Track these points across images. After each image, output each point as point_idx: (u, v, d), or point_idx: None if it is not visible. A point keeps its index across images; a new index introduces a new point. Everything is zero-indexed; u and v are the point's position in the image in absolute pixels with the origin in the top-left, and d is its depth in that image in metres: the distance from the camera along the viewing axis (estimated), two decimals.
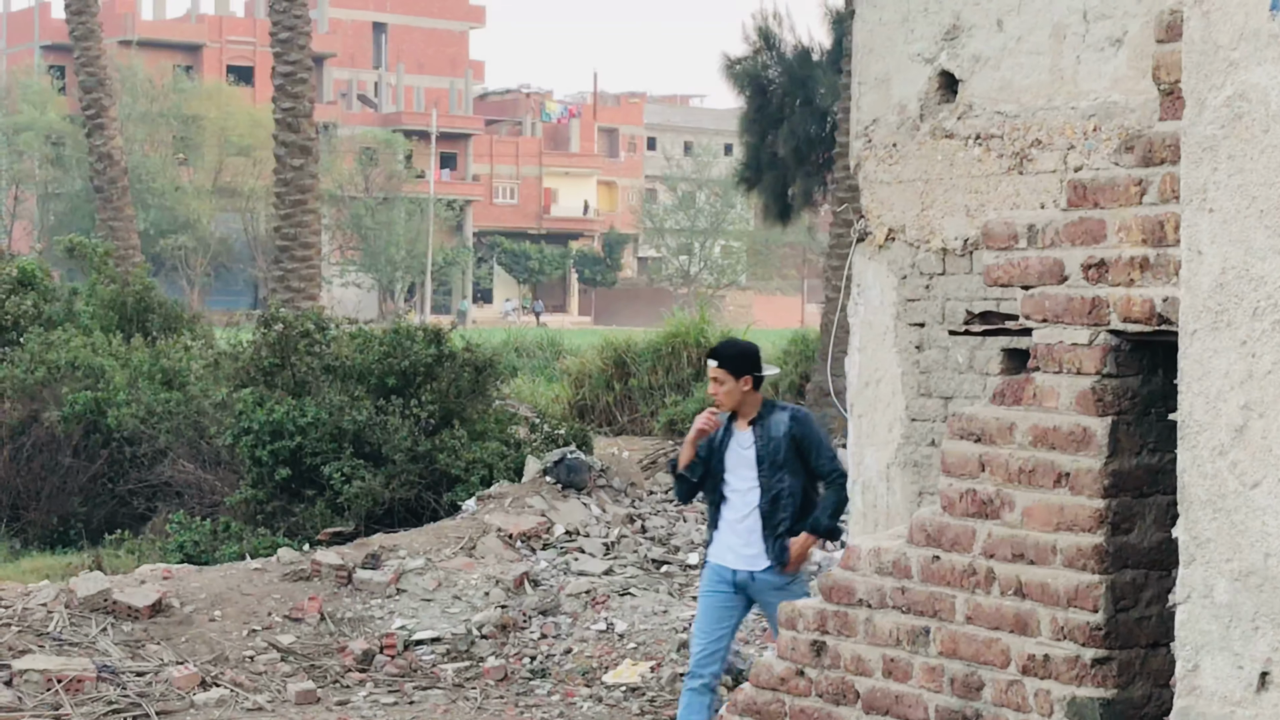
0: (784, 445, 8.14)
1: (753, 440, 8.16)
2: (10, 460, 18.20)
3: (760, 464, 8.13)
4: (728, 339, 8.76)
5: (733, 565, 8.16)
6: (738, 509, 8.16)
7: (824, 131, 26.52)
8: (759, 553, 8.11)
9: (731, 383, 8.10)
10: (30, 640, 10.56)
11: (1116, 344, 4.76)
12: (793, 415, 8.24)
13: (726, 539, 8.20)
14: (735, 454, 8.19)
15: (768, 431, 8.16)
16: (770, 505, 8.10)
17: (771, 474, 8.11)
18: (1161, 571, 4.81)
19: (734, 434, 8.23)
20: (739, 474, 8.17)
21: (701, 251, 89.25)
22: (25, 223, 73.64)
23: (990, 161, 7.49)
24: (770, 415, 8.22)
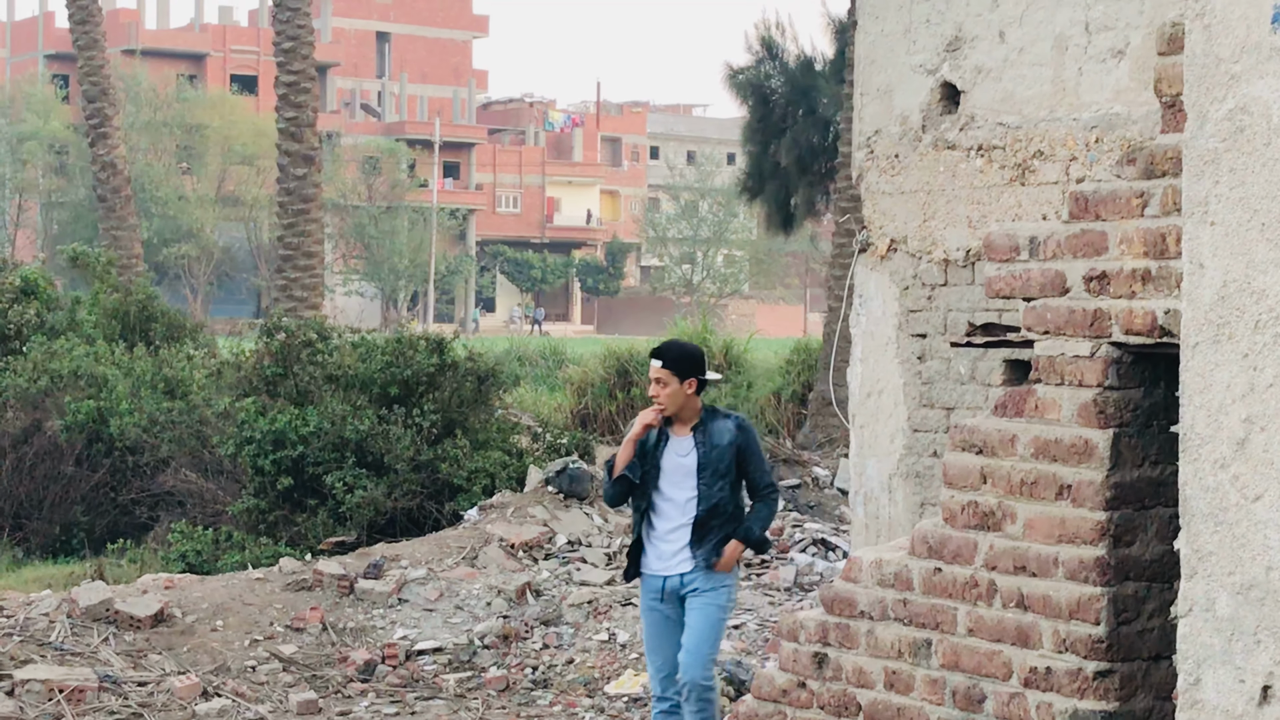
0: (728, 454, 7.83)
1: (693, 447, 7.84)
2: (13, 469, 18.20)
3: (702, 472, 7.81)
4: (673, 339, 8.36)
5: (662, 572, 7.89)
6: (671, 518, 7.87)
7: (826, 141, 26.53)
8: (686, 557, 7.83)
9: (675, 385, 7.78)
10: (32, 650, 10.55)
11: (1118, 356, 4.76)
12: (739, 424, 7.93)
13: (656, 547, 7.90)
14: (672, 461, 7.87)
15: (711, 439, 7.84)
16: (707, 514, 7.81)
17: (713, 483, 7.81)
18: (1163, 584, 4.81)
19: (670, 440, 7.89)
20: (676, 482, 7.85)
21: (704, 260, 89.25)
22: (28, 231, 73.68)
23: (992, 173, 7.49)
24: (713, 422, 7.91)
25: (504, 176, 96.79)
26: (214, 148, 74.32)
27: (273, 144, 28.10)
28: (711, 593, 7.82)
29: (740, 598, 12.60)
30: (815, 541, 14.14)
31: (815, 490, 16.49)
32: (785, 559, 13.74)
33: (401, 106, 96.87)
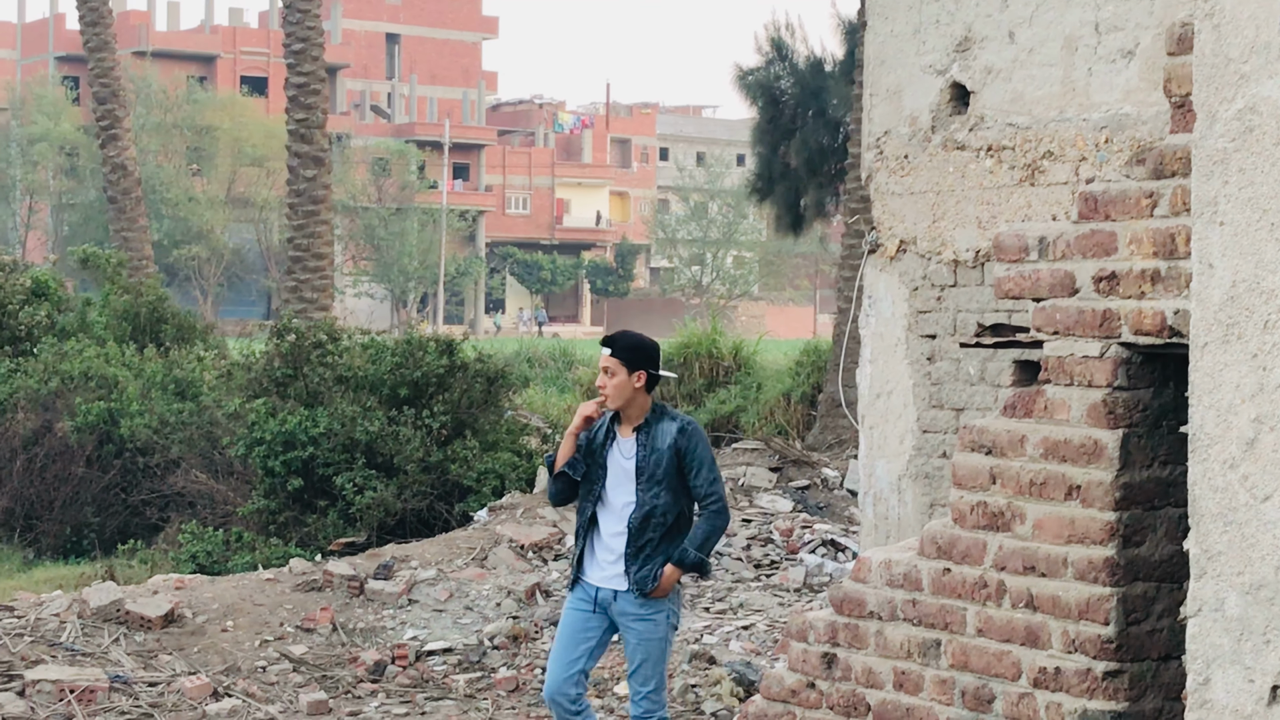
0: (666, 458, 7.28)
1: (635, 449, 7.34)
2: (23, 470, 18.24)
3: (639, 476, 7.29)
4: (626, 330, 7.77)
5: (596, 582, 7.37)
6: (611, 524, 7.36)
7: (836, 142, 26.52)
8: (619, 573, 7.33)
9: (623, 375, 7.25)
10: (43, 650, 10.57)
11: (1127, 356, 4.76)
12: (681, 426, 7.33)
13: (596, 556, 7.40)
14: (616, 462, 7.37)
15: (652, 441, 7.32)
16: (640, 523, 7.27)
17: (649, 488, 7.27)
18: (1173, 584, 4.81)
19: (617, 439, 7.40)
20: (617, 485, 7.36)
21: (714, 262, 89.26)
22: (39, 233, 73.83)
23: (1002, 173, 7.50)
24: (658, 423, 7.35)
25: (513, 178, 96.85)
26: (224, 149, 74.43)
27: (283, 145, 28.15)
28: (649, 623, 7.33)
29: (749, 598, 12.61)
30: (825, 542, 14.14)
31: (824, 491, 16.49)
32: (795, 560, 13.74)
33: (411, 108, 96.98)
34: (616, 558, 7.31)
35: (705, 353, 25.61)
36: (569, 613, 7.49)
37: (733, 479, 16.38)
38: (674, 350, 25.96)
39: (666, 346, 26.89)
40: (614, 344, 7.39)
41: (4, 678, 10.01)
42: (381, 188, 79.77)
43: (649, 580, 7.27)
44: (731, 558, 13.73)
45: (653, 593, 7.28)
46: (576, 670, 7.41)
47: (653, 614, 7.30)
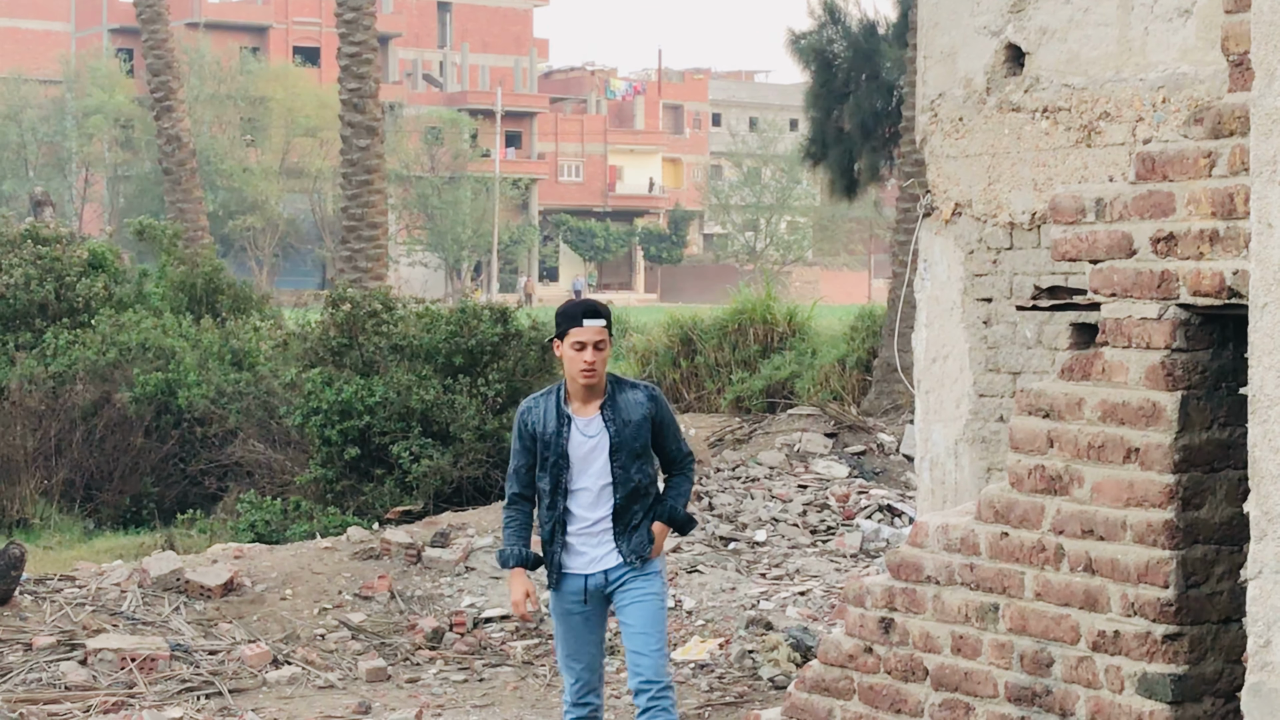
0: (643, 430, 6.87)
1: (602, 426, 6.83)
2: (83, 441, 18.39)
3: (616, 454, 6.82)
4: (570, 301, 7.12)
5: (582, 571, 6.94)
6: (587, 510, 6.89)
7: (890, 106, 26.37)
8: (610, 551, 6.91)
9: (608, 349, 6.81)
10: (104, 619, 10.67)
11: (1186, 318, 4.72)
12: (650, 394, 6.94)
13: (572, 548, 6.94)
14: (580, 445, 6.84)
15: (621, 414, 6.85)
16: (627, 500, 6.86)
17: (629, 465, 6.83)
18: (1233, 547, 4.78)
19: (574, 422, 6.86)
20: (587, 469, 6.85)
21: (767, 228, 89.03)
22: (95, 205, 74.32)
23: (1057, 135, 7.44)
24: (621, 394, 6.90)
25: (566, 145, 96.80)
26: (277, 120, 74.68)
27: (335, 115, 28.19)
28: (645, 583, 6.93)
29: (805, 564, 12.60)
30: (881, 508, 14.12)
31: (880, 456, 16.45)
32: (851, 525, 13.72)
33: (463, 76, 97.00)
34: (599, 540, 6.89)
35: (759, 319, 25.54)
36: (566, 618, 7.03)
37: (788, 445, 16.36)
38: (728, 316, 25.91)
39: (721, 313, 26.81)
40: (603, 313, 6.88)
41: (66, 647, 10.12)
42: (434, 157, 79.89)
43: (647, 545, 6.93)
44: (788, 524, 13.73)
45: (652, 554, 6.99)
46: (597, 674, 7.07)
47: (649, 575, 6.95)
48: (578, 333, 6.77)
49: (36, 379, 18.72)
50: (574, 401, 6.90)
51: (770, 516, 13.77)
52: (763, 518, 13.69)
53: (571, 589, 6.98)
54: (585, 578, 6.95)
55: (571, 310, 6.89)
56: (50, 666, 9.80)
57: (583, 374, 6.78)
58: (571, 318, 6.81)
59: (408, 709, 9.22)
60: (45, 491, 18.03)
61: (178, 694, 9.59)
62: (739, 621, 10.77)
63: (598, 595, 6.97)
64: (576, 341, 6.78)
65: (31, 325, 20.20)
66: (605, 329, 6.79)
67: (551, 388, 6.98)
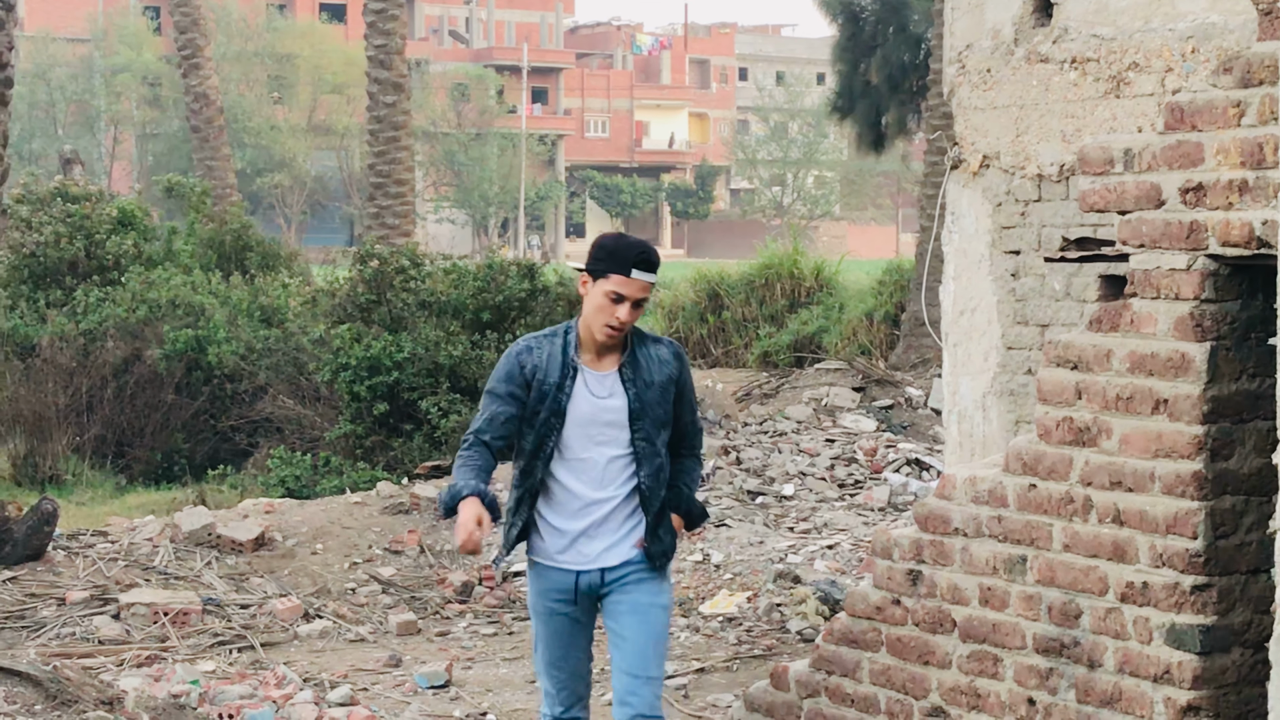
0: (669, 394, 5.69)
1: (619, 387, 5.64)
2: (114, 398, 18.49)
3: (638, 422, 5.61)
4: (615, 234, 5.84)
5: (573, 565, 5.68)
6: (590, 488, 5.64)
7: (918, 58, 26.26)
8: (615, 543, 5.65)
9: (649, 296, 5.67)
10: (137, 574, 10.75)
11: (1215, 268, 4.71)
12: (676, 352, 5.78)
13: (561, 532, 5.68)
14: (587, 407, 5.63)
15: (642, 374, 5.67)
16: (652, 482, 5.64)
17: (654, 436, 5.64)
18: (1261, 498, 4.77)
19: (584, 375, 5.65)
20: (593, 436, 5.63)
21: (794, 182, 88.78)
22: (124, 163, 74.42)
23: (1086, 85, 7.40)
24: (643, 350, 5.72)
25: (592, 101, 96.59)
26: (304, 77, 74.65)
27: (362, 73, 28.19)
28: (654, 590, 5.68)
29: (833, 518, 12.63)
30: (909, 461, 14.13)
31: (909, 410, 16.45)
32: (879, 479, 13.73)
33: (489, 32, 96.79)
34: (600, 528, 5.64)
35: (787, 274, 25.53)
36: (549, 619, 5.76)
37: (816, 399, 16.37)
38: (755, 271, 25.89)
39: (748, 268, 26.80)
40: (656, 266, 5.63)
41: (100, 601, 10.20)
42: (461, 113, 79.80)
43: (673, 544, 5.75)
44: (815, 478, 13.75)
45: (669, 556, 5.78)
46: (584, 685, 5.86)
47: (663, 578, 5.74)
48: (621, 283, 5.53)
49: (67, 336, 18.81)
50: (585, 352, 5.67)
51: (798, 471, 13.79)
52: (790, 472, 13.71)
53: (557, 586, 5.71)
54: (576, 574, 5.68)
55: (622, 251, 5.58)
56: (84, 621, 9.89)
57: (607, 331, 5.58)
58: (620, 261, 5.54)
59: (438, 662, 9.27)
60: (77, 448, 18.14)
61: (210, 647, 9.66)
62: (767, 575, 10.80)
63: (590, 595, 5.71)
64: (615, 292, 5.53)
65: (62, 283, 20.29)
66: (653, 284, 5.61)
67: (556, 328, 5.76)
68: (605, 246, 5.62)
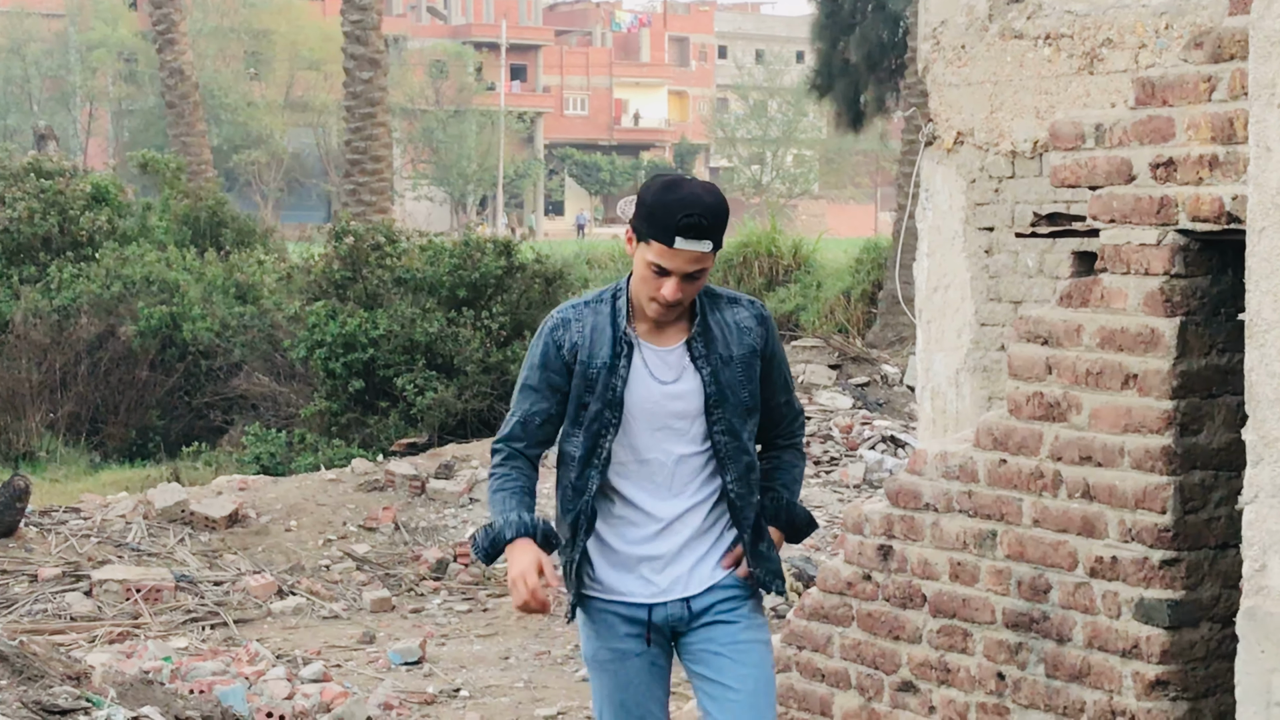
0: (753, 370, 4.47)
1: (689, 365, 4.41)
2: (88, 374, 18.45)
3: (715, 410, 4.41)
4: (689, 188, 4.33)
5: (647, 598, 4.47)
6: (656, 497, 4.44)
7: (896, 37, 26.27)
8: (697, 565, 4.47)
9: (710, 265, 4.36)
10: (109, 551, 10.72)
11: (1185, 244, 4.70)
12: (760, 315, 4.52)
13: (625, 555, 4.47)
14: (647, 391, 4.39)
15: (718, 347, 4.42)
16: (741, 486, 4.46)
17: (740, 427, 4.44)
18: (1230, 472, 4.78)
19: (643, 352, 4.41)
20: (655, 429, 4.41)
21: (774, 161, 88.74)
22: (99, 139, 74.13)
23: (1060, 62, 7.40)
24: (716, 314, 4.46)
25: (571, 79, 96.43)
26: (281, 53, 74.38)
27: (339, 48, 28.11)
28: (752, 624, 4.53)
29: (809, 495, 12.63)
30: (884, 438, 14.14)
31: (884, 388, 16.46)
32: (855, 456, 13.74)
33: (467, 9, 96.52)
34: (677, 550, 4.45)
35: (765, 251, 25.54)
36: (615, 663, 4.50)
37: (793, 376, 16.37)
38: (733, 249, 25.89)
39: (726, 246, 26.81)
40: (712, 230, 4.27)
41: (71, 578, 10.17)
42: (439, 90, 79.60)
43: (768, 557, 4.55)
44: None
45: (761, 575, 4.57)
46: None
47: (755, 608, 4.56)
48: (663, 254, 4.26)
49: (41, 312, 18.76)
50: (640, 321, 4.42)
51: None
52: None
53: (625, 621, 4.49)
54: (649, 608, 4.47)
55: (663, 213, 4.26)
56: (56, 597, 9.86)
57: (654, 308, 4.35)
58: (660, 226, 4.25)
59: (412, 639, 9.27)
60: (51, 424, 18.10)
61: (183, 624, 9.64)
62: None
63: (665, 633, 4.51)
64: (655, 264, 4.28)
65: (35, 259, 20.22)
66: (710, 253, 4.29)
67: (601, 292, 4.50)
68: (645, 202, 4.31)
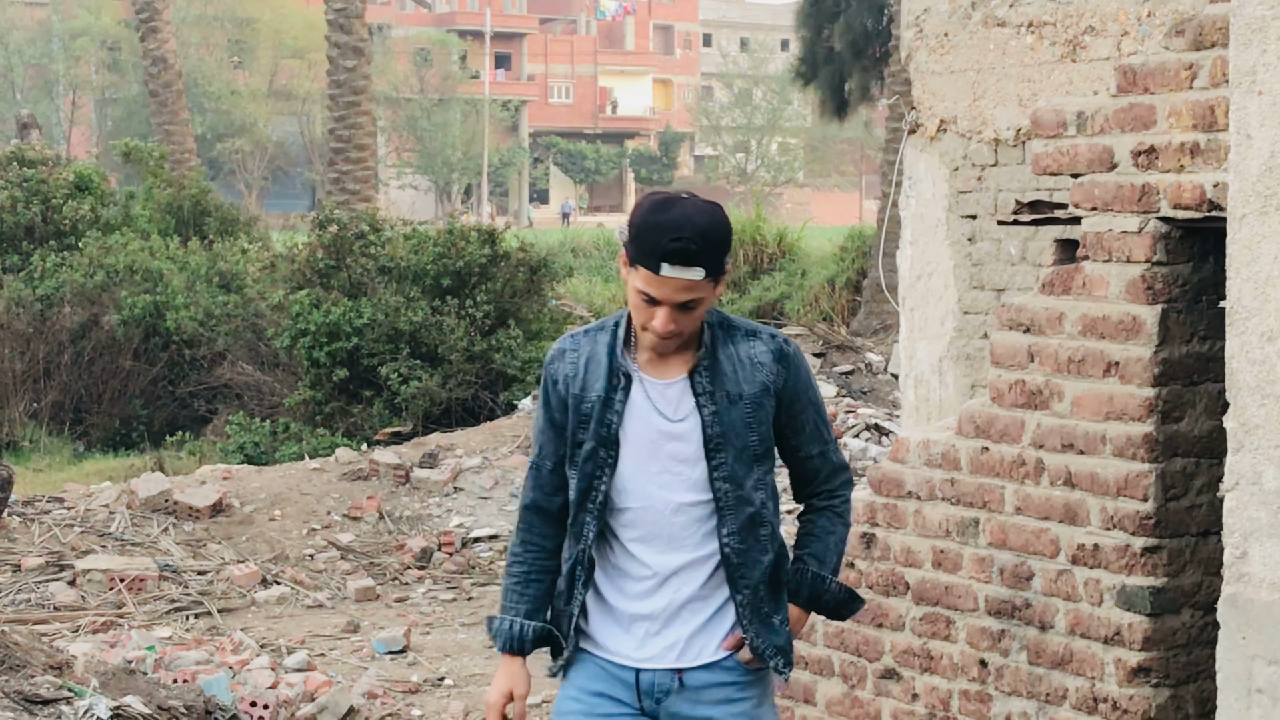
0: (764, 410, 3.98)
1: (692, 399, 3.95)
2: (71, 364, 18.41)
3: (718, 453, 3.94)
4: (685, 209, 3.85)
5: (636, 660, 3.99)
6: (654, 549, 3.97)
7: (880, 25, 26.27)
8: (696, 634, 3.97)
9: (709, 294, 3.90)
10: (93, 540, 10.71)
11: (1166, 231, 4.71)
12: (779, 349, 4.03)
13: (618, 611, 4.00)
14: (650, 429, 3.95)
15: (725, 382, 3.96)
16: (742, 541, 3.97)
17: (744, 472, 3.97)
18: (1212, 460, 4.79)
19: (643, 386, 3.97)
20: (651, 472, 3.95)
21: (758, 149, 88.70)
22: (83, 128, 73.89)
23: (1043, 50, 7.40)
24: (728, 346, 4.00)
25: (556, 67, 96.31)
26: (265, 41, 74.18)
27: (323, 36, 28.04)
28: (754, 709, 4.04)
29: None
30: (869, 427, 14.15)
31: (869, 376, 16.47)
32: (840, 444, 13.76)
33: None
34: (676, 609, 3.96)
35: (750, 240, 25.53)
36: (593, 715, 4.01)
37: None
38: None
39: None
40: (704, 256, 3.81)
41: (55, 567, 10.15)
42: (423, 78, 79.45)
43: (789, 636, 4.05)
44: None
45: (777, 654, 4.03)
46: None
47: (766, 692, 4.09)
48: (649, 280, 3.83)
49: (24, 302, 18.71)
50: (642, 350, 3.98)
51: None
52: None
53: (605, 684, 4.02)
54: (638, 673, 3.99)
55: (649, 236, 3.84)
56: (39, 587, 9.85)
57: (649, 337, 3.93)
58: (646, 249, 3.83)
59: (396, 627, 9.26)
60: (34, 414, 18.06)
61: (167, 614, 9.63)
62: None
63: (651, 702, 4.00)
64: (643, 291, 3.85)
65: (18, 248, 20.17)
66: (707, 281, 3.83)
67: (605, 321, 4.07)
68: (634, 223, 3.90)
